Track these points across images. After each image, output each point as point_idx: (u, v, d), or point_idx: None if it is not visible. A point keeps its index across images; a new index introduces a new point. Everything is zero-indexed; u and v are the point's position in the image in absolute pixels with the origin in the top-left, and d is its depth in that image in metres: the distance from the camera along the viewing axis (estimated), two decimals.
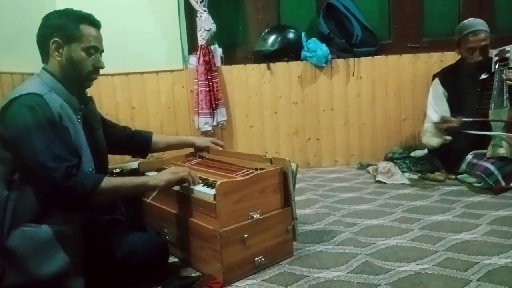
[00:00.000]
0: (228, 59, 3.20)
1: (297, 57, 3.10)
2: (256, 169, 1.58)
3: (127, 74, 3.07)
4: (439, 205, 2.15)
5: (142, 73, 3.08)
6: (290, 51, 3.09)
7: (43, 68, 1.41)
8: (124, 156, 2.78)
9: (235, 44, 3.36)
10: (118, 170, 2.17)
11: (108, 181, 1.31)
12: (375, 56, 3.11)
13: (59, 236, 1.28)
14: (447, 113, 2.59)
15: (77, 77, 1.41)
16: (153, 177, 1.45)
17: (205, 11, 2.93)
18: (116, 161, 2.80)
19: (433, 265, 1.48)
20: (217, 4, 3.18)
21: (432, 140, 2.58)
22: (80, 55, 1.38)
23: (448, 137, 2.51)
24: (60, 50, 1.37)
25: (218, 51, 3.09)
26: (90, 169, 1.39)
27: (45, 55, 1.40)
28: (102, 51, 1.46)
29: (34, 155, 1.22)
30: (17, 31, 2.38)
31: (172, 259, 1.63)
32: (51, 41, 1.36)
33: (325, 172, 2.98)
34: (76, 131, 1.37)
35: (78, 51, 1.38)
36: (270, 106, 3.12)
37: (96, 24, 1.43)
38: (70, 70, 1.39)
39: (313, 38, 3.08)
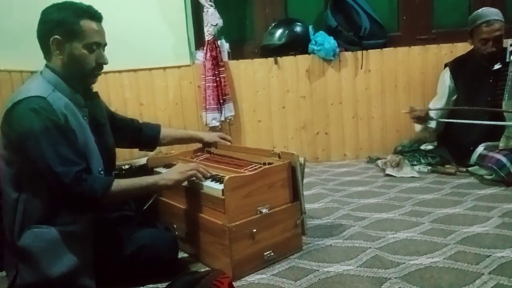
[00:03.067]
0: (235, 54, 3.19)
1: (304, 50, 3.07)
2: (264, 163, 1.57)
3: (135, 70, 3.08)
4: (449, 198, 2.12)
5: (150, 69, 3.08)
6: (297, 45, 3.07)
7: (46, 66, 1.39)
8: (133, 152, 2.81)
9: (242, 39, 3.35)
10: (127, 167, 2.18)
11: (117, 184, 1.32)
12: (384, 49, 3.08)
13: (68, 236, 1.29)
14: (441, 104, 2.70)
15: (81, 74, 1.39)
16: (162, 177, 1.45)
17: (211, 6, 2.91)
18: (125, 156, 2.82)
19: (444, 259, 1.46)
20: None
21: (416, 127, 2.80)
22: (82, 52, 1.35)
23: (430, 125, 2.68)
24: (61, 48, 1.34)
25: (225, 46, 3.08)
26: (99, 169, 1.40)
27: (46, 53, 1.38)
28: (105, 45, 1.42)
29: (43, 160, 1.23)
30: (25, 29, 2.40)
31: (181, 255, 1.64)
32: (51, 38, 1.32)
33: (334, 166, 2.96)
34: (83, 130, 1.37)
35: (80, 48, 1.34)
36: (278, 100, 3.11)
37: (97, 17, 1.38)
38: (73, 67, 1.36)
39: (321, 31, 3.05)
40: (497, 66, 2.50)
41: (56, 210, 1.30)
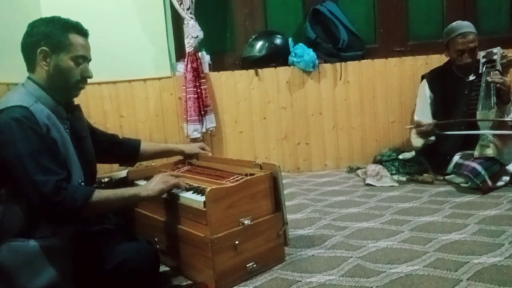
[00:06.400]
0: (216, 66, 3.21)
1: (284, 62, 3.11)
2: (246, 174, 1.57)
3: (114, 82, 3.06)
4: (428, 206, 2.17)
5: (130, 81, 3.06)
6: (277, 57, 3.11)
7: (28, 77, 1.38)
8: (112, 165, 2.77)
9: (222, 51, 3.37)
10: (106, 179, 2.15)
11: (98, 194, 1.30)
12: (362, 60, 3.15)
13: (47, 250, 1.26)
14: (428, 116, 2.67)
15: (65, 86, 1.39)
16: (144, 188, 1.44)
17: (192, 18, 2.93)
18: (104, 170, 2.78)
19: (423, 266, 1.49)
20: (204, 11, 3.18)
21: (417, 141, 2.68)
22: (68, 64, 1.36)
23: (431, 138, 2.59)
24: (48, 59, 1.35)
25: (205, 57, 3.09)
26: (80, 181, 1.38)
27: (31, 64, 1.38)
28: (90, 60, 1.45)
29: (23, 169, 1.21)
30: (2, 41, 2.36)
31: (163, 268, 1.61)
32: (38, 50, 1.33)
33: (315, 176, 2.99)
34: (64, 142, 1.35)
35: (66, 60, 1.36)
36: (259, 111, 3.13)
37: (84, 33, 1.42)
38: (58, 79, 1.37)
39: (300, 44, 3.10)
40: (471, 77, 2.59)
41: (35, 223, 1.27)
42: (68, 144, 1.37)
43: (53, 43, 1.34)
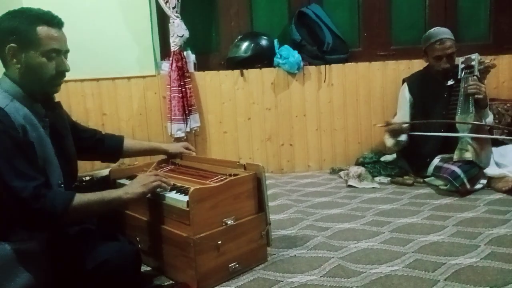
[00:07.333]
0: (201, 65, 3.20)
1: (270, 64, 3.12)
2: (230, 175, 1.58)
3: (97, 80, 3.01)
4: (408, 208, 2.21)
5: (113, 79, 3.03)
6: (263, 58, 3.12)
7: (5, 74, 1.32)
8: (94, 163, 2.73)
9: (208, 51, 3.36)
10: (88, 178, 2.12)
11: (79, 200, 1.27)
12: (346, 64, 3.18)
13: (23, 254, 1.22)
14: (407, 119, 2.72)
15: (40, 83, 1.33)
16: (125, 191, 1.41)
17: (177, 17, 2.91)
18: (86, 168, 2.74)
19: (403, 267, 1.52)
20: (190, 10, 3.17)
21: (388, 141, 2.74)
22: (39, 60, 1.29)
23: (402, 138, 2.66)
24: (18, 57, 1.28)
25: (191, 57, 3.08)
26: (59, 182, 1.35)
27: (4, 61, 1.31)
28: (67, 51, 1.37)
29: None
30: None
31: (144, 268, 1.60)
32: (7, 47, 1.27)
33: (298, 177, 3.01)
34: (42, 142, 1.31)
35: (37, 56, 1.28)
36: (243, 112, 3.14)
37: (55, 23, 1.32)
38: (31, 76, 1.30)
39: (286, 45, 3.12)
40: (450, 82, 2.65)
41: (11, 225, 1.23)
42: (47, 144, 1.33)
43: (21, 39, 1.26)
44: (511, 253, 1.58)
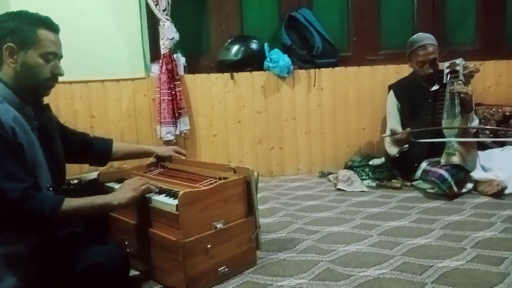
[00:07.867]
0: (191, 68, 3.19)
1: (260, 67, 3.13)
2: (220, 178, 1.58)
3: (86, 82, 2.99)
4: (396, 211, 2.23)
5: (102, 81, 3.00)
6: (253, 61, 3.12)
7: None
8: (82, 165, 2.70)
9: (198, 53, 3.36)
10: (76, 181, 2.10)
11: (68, 203, 1.26)
12: (335, 68, 3.21)
13: (10, 257, 1.21)
14: (399, 124, 2.71)
15: (34, 84, 1.34)
16: (115, 197, 1.40)
17: (168, 19, 2.91)
18: (74, 171, 2.71)
19: (391, 270, 1.53)
20: (180, 13, 3.16)
21: (391, 149, 2.70)
22: (37, 61, 1.31)
23: (405, 146, 2.63)
24: (15, 56, 1.29)
25: (181, 60, 3.07)
26: (48, 185, 1.33)
27: None
28: (61, 57, 1.39)
29: None
30: None
31: (133, 272, 1.59)
32: (4, 46, 1.27)
33: (288, 181, 3.02)
34: (31, 144, 1.30)
35: (35, 57, 1.30)
36: (233, 115, 3.14)
37: (54, 28, 1.35)
38: (26, 77, 1.31)
39: (276, 49, 3.13)
40: (435, 87, 2.68)
41: None
42: (36, 146, 1.32)
43: (20, 39, 1.28)
44: (496, 256, 1.61)
